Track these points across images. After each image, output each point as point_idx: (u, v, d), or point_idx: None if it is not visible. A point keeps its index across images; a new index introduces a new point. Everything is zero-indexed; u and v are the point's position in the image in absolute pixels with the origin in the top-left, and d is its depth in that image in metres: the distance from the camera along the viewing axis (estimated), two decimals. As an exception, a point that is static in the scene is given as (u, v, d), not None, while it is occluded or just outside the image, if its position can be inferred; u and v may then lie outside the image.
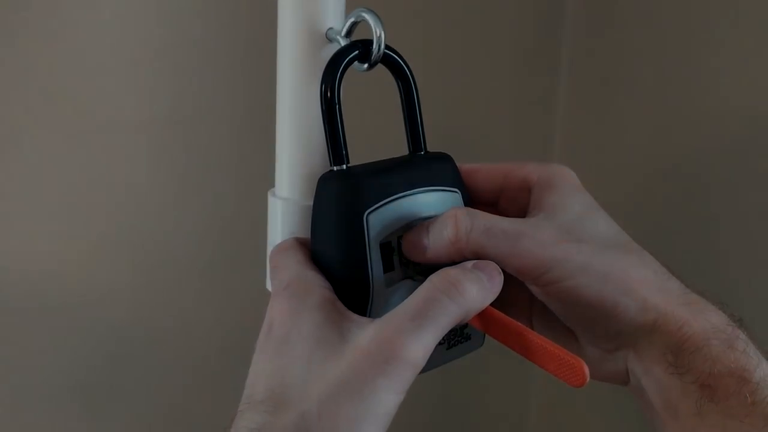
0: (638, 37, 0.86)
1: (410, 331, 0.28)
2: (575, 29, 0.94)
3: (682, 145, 0.82)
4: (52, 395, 0.74)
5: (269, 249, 0.37)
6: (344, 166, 0.34)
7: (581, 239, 0.32)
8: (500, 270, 0.31)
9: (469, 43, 0.90)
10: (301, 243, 0.35)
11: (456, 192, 0.35)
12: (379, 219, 0.32)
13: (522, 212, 0.35)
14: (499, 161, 0.37)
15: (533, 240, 0.31)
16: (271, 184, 0.40)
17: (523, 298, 0.36)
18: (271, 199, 0.39)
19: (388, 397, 0.27)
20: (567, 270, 0.31)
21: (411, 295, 0.29)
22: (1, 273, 0.69)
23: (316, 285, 0.31)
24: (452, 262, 0.32)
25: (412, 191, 0.34)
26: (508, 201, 0.37)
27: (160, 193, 0.74)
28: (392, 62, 0.36)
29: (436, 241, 0.32)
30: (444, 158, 0.36)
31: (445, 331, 0.29)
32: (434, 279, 0.30)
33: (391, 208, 0.33)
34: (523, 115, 0.97)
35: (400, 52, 0.36)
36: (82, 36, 0.67)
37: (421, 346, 0.28)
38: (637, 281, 0.31)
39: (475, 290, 0.29)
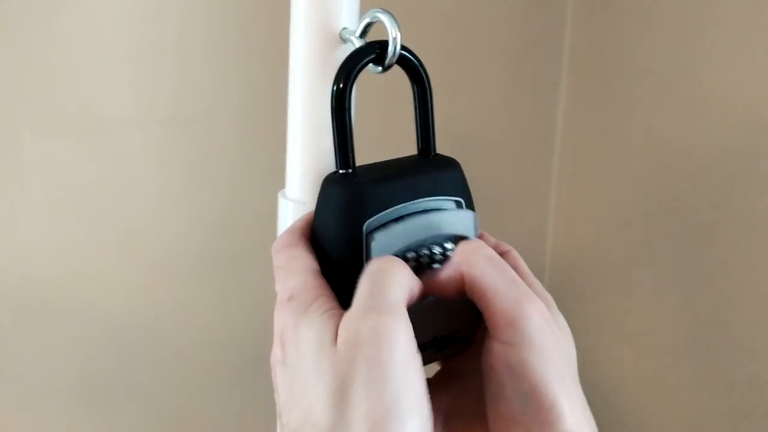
0: (640, 33, 0.85)
1: (383, 321, 0.28)
2: (576, 25, 0.94)
3: (684, 142, 0.82)
4: (56, 394, 0.73)
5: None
6: (350, 170, 0.33)
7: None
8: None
9: (469, 40, 0.89)
10: (307, 240, 0.34)
11: (460, 201, 0.35)
12: (376, 222, 0.32)
13: None
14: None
15: (527, 292, 0.31)
16: (276, 183, 0.39)
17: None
18: (281, 201, 0.38)
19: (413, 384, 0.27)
20: (537, 344, 0.30)
21: (355, 296, 0.29)
22: (3, 274, 0.68)
23: (320, 294, 0.31)
24: (443, 291, 0.32)
25: (416, 200, 0.33)
26: None
27: (162, 193, 0.74)
28: (408, 64, 0.35)
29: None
30: (451, 164, 0.35)
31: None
32: (368, 270, 0.30)
33: (392, 216, 0.33)
34: (524, 111, 0.97)
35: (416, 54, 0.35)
36: (83, 36, 0.66)
37: (398, 323, 0.28)
38: (578, 405, 0.31)
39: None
